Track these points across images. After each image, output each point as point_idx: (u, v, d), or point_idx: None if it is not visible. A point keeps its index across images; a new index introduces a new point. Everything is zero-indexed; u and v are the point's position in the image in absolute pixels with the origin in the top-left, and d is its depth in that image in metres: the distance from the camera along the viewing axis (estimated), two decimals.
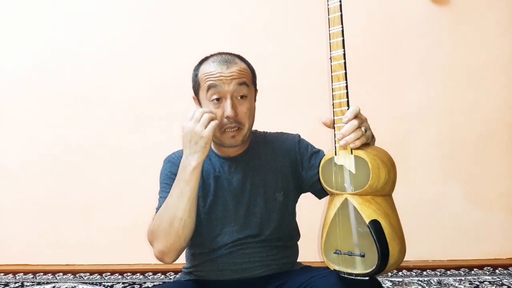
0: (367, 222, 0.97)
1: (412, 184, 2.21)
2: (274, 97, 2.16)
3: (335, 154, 1.02)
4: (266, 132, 1.35)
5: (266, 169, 1.25)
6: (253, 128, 1.33)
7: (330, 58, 1.03)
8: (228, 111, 1.13)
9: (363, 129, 0.99)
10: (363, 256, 0.98)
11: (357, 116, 0.99)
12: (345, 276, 1.01)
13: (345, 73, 1.01)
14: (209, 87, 1.15)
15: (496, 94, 2.18)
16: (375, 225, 0.97)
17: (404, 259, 1.04)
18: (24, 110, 2.36)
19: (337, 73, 1.02)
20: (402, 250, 1.01)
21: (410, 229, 2.21)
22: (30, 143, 2.36)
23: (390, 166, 1.03)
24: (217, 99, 1.15)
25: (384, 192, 1.02)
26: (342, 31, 1.01)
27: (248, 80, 1.19)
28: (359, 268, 0.99)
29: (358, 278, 1.00)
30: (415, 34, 2.19)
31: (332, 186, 1.03)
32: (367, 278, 0.99)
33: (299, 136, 1.33)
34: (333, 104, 1.04)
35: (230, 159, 1.25)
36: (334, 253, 1.03)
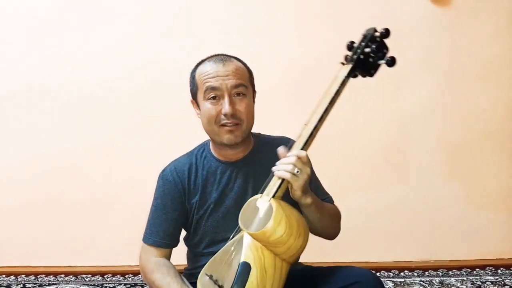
0: (241, 260, 0.99)
1: (413, 184, 2.21)
2: (274, 99, 2.16)
3: (260, 195, 1.07)
4: (271, 136, 1.35)
5: (269, 175, 1.25)
6: (257, 131, 1.33)
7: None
8: (226, 108, 1.13)
9: (295, 170, 1.02)
10: (221, 287, 1.00)
11: (300, 158, 1.04)
12: None
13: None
14: (206, 87, 1.15)
15: (497, 94, 2.18)
16: (244, 267, 0.98)
17: (406, 259, 1.04)
18: (25, 110, 2.35)
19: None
20: None
21: (411, 230, 2.23)
22: (33, 143, 2.36)
23: (295, 232, 1.01)
24: (214, 97, 1.15)
25: (276, 250, 1.01)
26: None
27: (245, 78, 1.19)
28: None
29: None
30: (415, 34, 2.19)
31: (242, 221, 1.06)
32: None
33: None
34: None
35: (232, 164, 1.25)
36: (207, 275, 1.05)
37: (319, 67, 2.18)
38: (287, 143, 1.31)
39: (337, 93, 1.09)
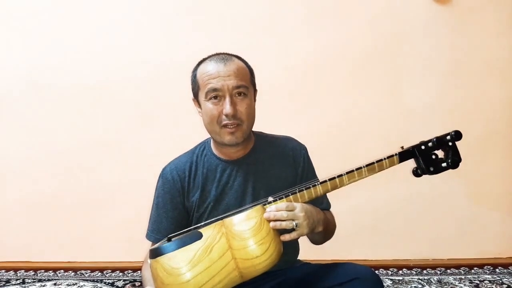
0: (199, 229, 1.02)
1: (413, 183, 2.21)
2: (276, 98, 2.16)
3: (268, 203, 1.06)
4: (273, 135, 1.35)
5: (269, 175, 1.25)
6: (258, 130, 1.33)
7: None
8: (227, 108, 1.14)
9: (294, 223, 1.02)
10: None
11: (289, 210, 1.02)
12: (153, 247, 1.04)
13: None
14: (208, 88, 1.15)
15: (498, 93, 2.18)
16: (195, 234, 1.00)
17: (404, 257, 1.04)
18: (25, 108, 2.36)
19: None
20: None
21: (410, 228, 2.23)
22: (33, 141, 2.37)
23: (259, 238, 0.99)
24: (215, 97, 1.16)
25: (232, 243, 0.99)
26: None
27: (246, 78, 1.19)
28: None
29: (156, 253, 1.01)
30: (418, 33, 2.19)
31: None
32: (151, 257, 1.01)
33: (306, 150, 1.33)
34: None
35: (232, 162, 1.25)
36: (168, 237, 1.09)
37: (321, 67, 2.18)
38: (289, 145, 1.31)
39: (378, 162, 1.16)
